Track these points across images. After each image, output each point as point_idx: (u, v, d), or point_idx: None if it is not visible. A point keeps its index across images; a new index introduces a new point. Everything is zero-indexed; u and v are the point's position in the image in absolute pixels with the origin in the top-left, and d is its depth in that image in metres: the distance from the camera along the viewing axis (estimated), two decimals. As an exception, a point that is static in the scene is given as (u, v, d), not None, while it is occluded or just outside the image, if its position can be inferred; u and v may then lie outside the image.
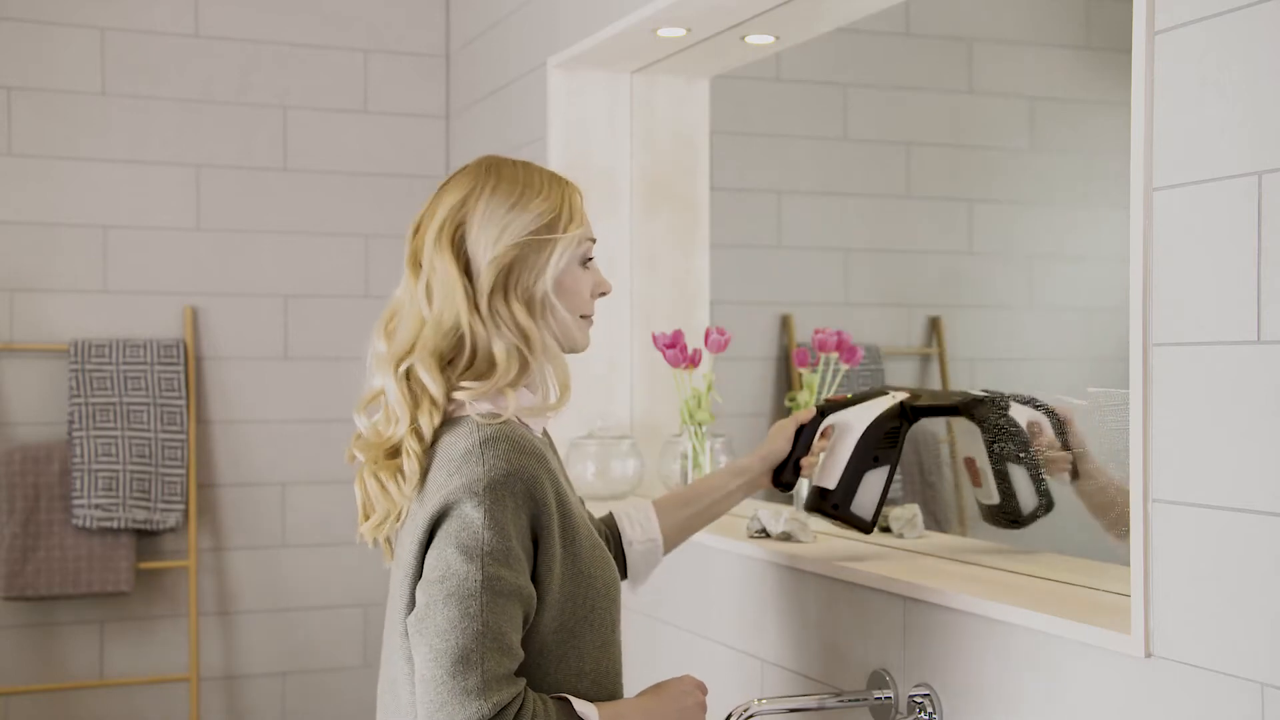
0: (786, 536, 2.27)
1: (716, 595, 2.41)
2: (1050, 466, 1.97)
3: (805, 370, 2.50)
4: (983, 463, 2.03)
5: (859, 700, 1.93)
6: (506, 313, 1.61)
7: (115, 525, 3.46)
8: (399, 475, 1.62)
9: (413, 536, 1.56)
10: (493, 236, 1.61)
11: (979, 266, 3.64)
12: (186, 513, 3.60)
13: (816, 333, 2.43)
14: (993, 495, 2.02)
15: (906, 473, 3.36)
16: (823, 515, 2.05)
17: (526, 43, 3.27)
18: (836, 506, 2.01)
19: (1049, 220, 3.68)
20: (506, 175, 1.65)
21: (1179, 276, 1.47)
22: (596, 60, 2.94)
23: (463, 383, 1.61)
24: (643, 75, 3.03)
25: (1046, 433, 1.96)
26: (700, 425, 2.59)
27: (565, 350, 1.69)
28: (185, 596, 3.66)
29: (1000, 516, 2.03)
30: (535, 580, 1.56)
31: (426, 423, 1.61)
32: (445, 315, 1.61)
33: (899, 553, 2.16)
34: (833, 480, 2.01)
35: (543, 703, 1.54)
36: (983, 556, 2.09)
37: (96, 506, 3.44)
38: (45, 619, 3.56)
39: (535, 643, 1.58)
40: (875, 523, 2.03)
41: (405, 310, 1.65)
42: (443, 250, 1.62)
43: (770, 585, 2.24)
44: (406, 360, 1.62)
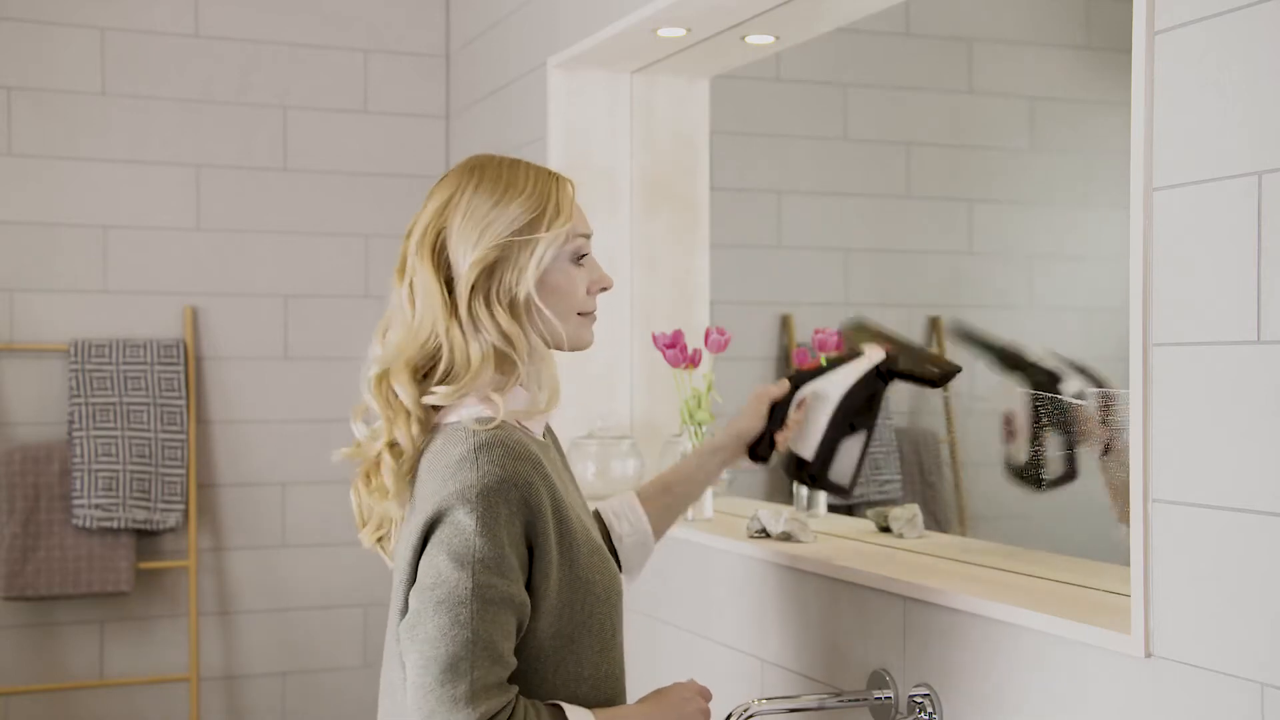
0: (786, 536, 2.27)
1: (717, 595, 2.41)
2: (1089, 438, 1.97)
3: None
4: (1021, 421, 2.03)
5: (859, 700, 1.93)
6: (487, 316, 1.59)
7: (115, 525, 3.46)
8: (382, 487, 1.63)
9: (407, 542, 1.56)
10: (473, 238, 1.59)
11: (979, 266, 3.64)
12: (186, 513, 3.60)
13: (816, 333, 2.42)
14: (1022, 454, 2.03)
15: (906, 473, 3.36)
16: (800, 482, 2.04)
17: (526, 43, 3.27)
18: (814, 477, 2.01)
19: (1049, 220, 3.68)
20: (489, 175, 1.63)
21: (1179, 276, 1.47)
22: (596, 60, 2.94)
23: (433, 388, 1.59)
24: (643, 75, 3.03)
25: (1091, 405, 1.97)
26: (700, 425, 2.59)
27: (569, 349, 1.67)
28: (185, 596, 3.66)
29: (1024, 476, 2.04)
30: (531, 587, 1.55)
31: (404, 434, 1.60)
32: (423, 324, 1.60)
33: (899, 553, 2.16)
34: (810, 450, 2.00)
35: (535, 710, 1.53)
36: (983, 556, 2.09)
37: (96, 506, 3.44)
38: (45, 619, 3.56)
39: (532, 648, 1.57)
40: (854, 486, 2.03)
41: (396, 317, 1.65)
42: (423, 258, 1.61)
43: (770, 585, 2.24)
44: (383, 370, 1.62)
